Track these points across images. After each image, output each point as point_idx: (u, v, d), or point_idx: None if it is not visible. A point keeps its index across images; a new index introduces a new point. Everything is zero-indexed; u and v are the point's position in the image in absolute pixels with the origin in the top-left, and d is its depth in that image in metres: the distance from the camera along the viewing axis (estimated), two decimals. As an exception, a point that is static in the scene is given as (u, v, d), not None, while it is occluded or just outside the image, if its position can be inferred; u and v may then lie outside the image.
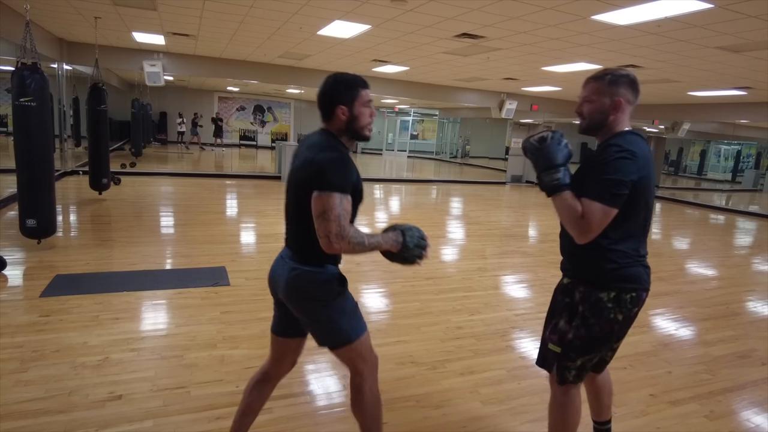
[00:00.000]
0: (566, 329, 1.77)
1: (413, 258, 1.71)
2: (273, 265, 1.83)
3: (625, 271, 1.67)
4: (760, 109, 10.62)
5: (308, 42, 7.73)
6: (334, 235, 1.53)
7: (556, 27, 5.56)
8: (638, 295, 1.70)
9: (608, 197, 1.57)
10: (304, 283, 1.68)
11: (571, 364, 1.76)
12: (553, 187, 1.65)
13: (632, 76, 1.68)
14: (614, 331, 1.72)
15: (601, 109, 1.68)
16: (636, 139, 1.65)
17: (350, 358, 1.75)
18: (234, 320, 3.45)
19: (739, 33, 5.12)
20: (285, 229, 1.83)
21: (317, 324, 1.73)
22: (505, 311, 4.05)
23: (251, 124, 21.59)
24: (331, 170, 1.56)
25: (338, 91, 1.66)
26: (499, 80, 10.91)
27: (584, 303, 1.73)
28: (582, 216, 1.59)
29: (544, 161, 1.68)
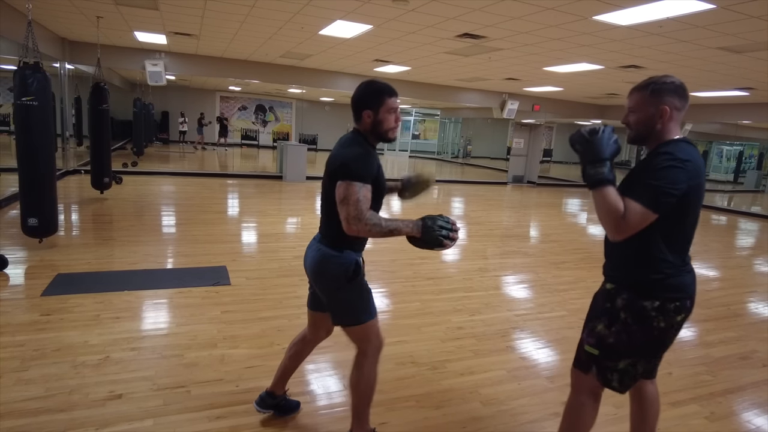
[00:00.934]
0: (606, 333, 1.75)
1: (437, 239, 1.78)
2: (306, 247, 2.08)
3: (671, 281, 1.66)
4: (762, 110, 10.60)
5: (310, 42, 7.74)
6: (352, 218, 1.74)
7: (557, 27, 5.56)
8: (682, 303, 1.68)
9: (652, 202, 1.56)
10: (324, 264, 1.91)
11: (613, 365, 1.74)
12: (597, 180, 1.63)
13: (677, 83, 1.66)
14: (655, 338, 1.70)
15: (647, 119, 1.67)
16: (687, 147, 1.62)
17: (357, 338, 1.98)
18: (234, 320, 3.45)
19: (741, 33, 5.11)
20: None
21: (333, 302, 1.96)
22: (506, 312, 4.04)
23: (253, 123, 21.62)
24: (352, 162, 1.79)
25: (366, 97, 1.87)
26: (500, 80, 10.91)
27: (627, 310, 1.71)
28: (623, 215, 1.58)
29: (591, 153, 1.67)
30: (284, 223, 6.98)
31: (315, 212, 8.02)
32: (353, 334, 1.98)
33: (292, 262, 4.93)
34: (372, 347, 1.99)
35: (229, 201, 8.73)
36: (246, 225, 6.76)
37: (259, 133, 21.75)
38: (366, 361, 1.98)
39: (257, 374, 2.72)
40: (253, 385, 2.60)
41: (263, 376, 2.71)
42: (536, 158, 15.39)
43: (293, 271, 4.65)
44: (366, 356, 1.99)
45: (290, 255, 5.21)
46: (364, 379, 1.99)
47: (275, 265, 4.81)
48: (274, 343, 3.14)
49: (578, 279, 5.13)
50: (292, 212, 8.02)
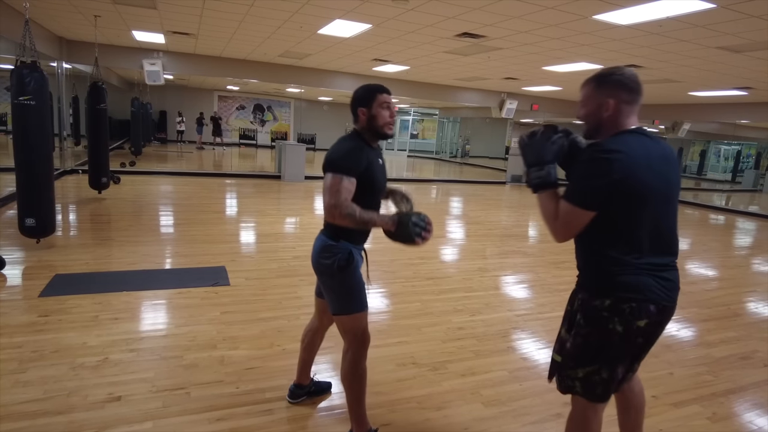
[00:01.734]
0: (566, 338, 1.71)
1: (410, 235, 1.83)
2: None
3: (622, 279, 1.54)
4: (760, 110, 10.61)
5: (309, 41, 7.71)
6: (330, 205, 1.84)
7: (557, 27, 5.55)
8: (640, 306, 1.54)
9: (577, 198, 1.52)
10: (320, 252, 2.03)
11: (572, 373, 1.66)
12: (536, 184, 1.64)
13: (626, 74, 1.58)
14: (614, 343, 1.57)
15: (593, 112, 1.62)
16: (628, 138, 1.54)
17: (344, 328, 2.06)
18: (234, 320, 3.43)
19: (741, 33, 5.11)
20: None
21: (327, 290, 2.07)
22: (506, 312, 4.03)
23: (251, 123, 21.58)
24: (337, 156, 1.91)
25: (359, 96, 2.00)
26: (499, 80, 10.90)
27: (581, 310, 1.65)
28: (555, 216, 1.58)
29: (530, 157, 1.67)
30: (283, 223, 6.96)
31: (314, 212, 8.00)
32: (341, 323, 2.06)
33: (292, 263, 4.91)
34: (357, 341, 2.05)
35: (228, 201, 8.70)
36: (245, 225, 6.74)
37: (257, 133, 21.72)
38: (352, 354, 2.05)
39: (258, 376, 2.71)
40: (253, 387, 2.58)
41: (264, 377, 2.69)
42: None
43: (293, 272, 4.63)
44: (351, 348, 2.05)
45: (289, 255, 5.19)
46: (352, 372, 2.05)
47: (274, 265, 4.80)
48: (275, 344, 3.13)
49: (578, 279, 5.12)
50: (291, 212, 8.00)
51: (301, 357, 2.45)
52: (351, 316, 2.02)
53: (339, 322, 2.06)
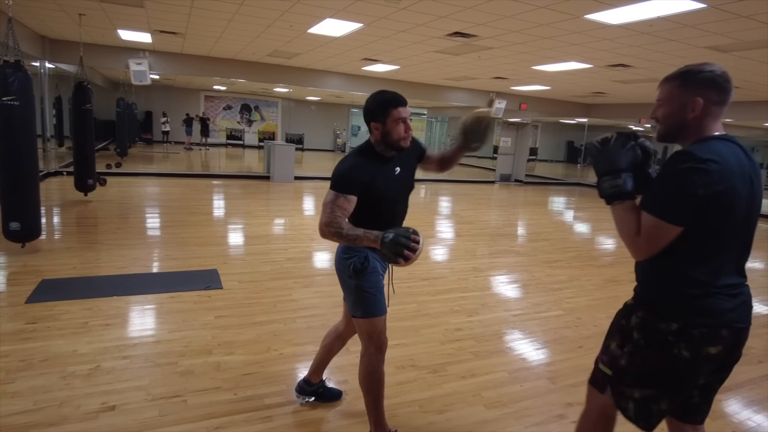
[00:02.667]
0: (618, 353, 1.58)
1: (392, 255, 1.72)
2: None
3: (697, 303, 1.43)
4: (744, 108, 10.79)
5: (298, 40, 7.64)
6: (322, 223, 1.87)
7: (548, 26, 5.56)
8: (713, 331, 1.41)
9: (666, 211, 1.38)
10: (339, 254, 2.08)
11: (628, 391, 1.54)
12: (611, 194, 1.50)
13: (717, 72, 1.44)
14: (678, 369, 1.45)
15: (676, 113, 1.47)
16: (718, 145, 1.40)
17: (361, 331, 2.06)
18: (229, 325, 3.37)
19: (729, 33, 5.17)
20: None
21: (344, 292, 2.11)
22: (503, 312, 4.02)
23: (238, 123, 21.37)
24: (337, 174, 1.91)
25: (371, 110, 1.94)
26: (488, 79, 10.93)
27: (641, 330, 1.52)
28: (637, 230, 1.43)
29: (603, 164, 1.53)
30: (274, 225, 6.88)
31: (305, 213, 7.93)
32: (358, 326, 2.06)
33: (285, 265, 4.85)
34: (373, 345, 2.04)
35: (217, 202, 8.59)
36: (235, 227, 6.65)
37: (244, 133, 21.50)
38: (368, 358, 2.05)
39: (255, 381, 2.65)
40: (251, 393, 2.53)
41: (262, 383, 2.64)
42: (523, 157, 15.47)
43: (286, 274, 4.57)
44: (367, 352, 2.05)
45: (282, 257, 5.12)
46: (369, 375, 2.06)
47: (267, 267, 4.73)
48: (271, 348, 3.07)
49: (572, 278, 5.14)
50: (282, 213, 7.92)
51: (318, 355, 2.44)
52: (367, 319, 2.01)
53: (357, 325, 2.06)
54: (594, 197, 13.24)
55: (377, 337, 2.04)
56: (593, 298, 4.54)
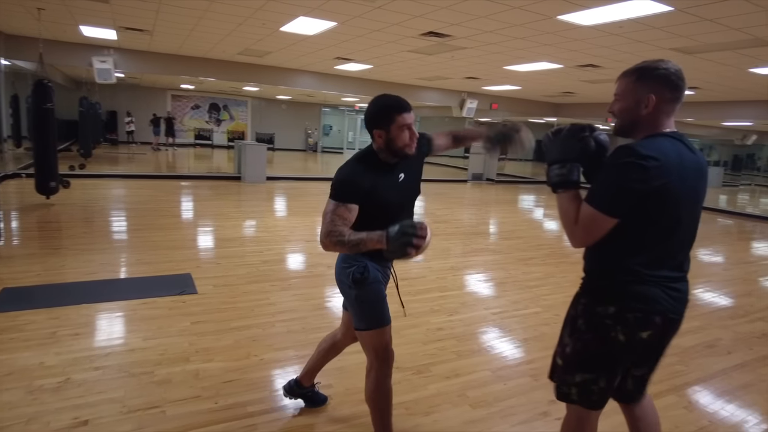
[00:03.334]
0: (566, 342, 1.63)
1: (401, 248, 1.63)
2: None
3: (631, 288, 1.48)
4: (705, 108, 11.21)
5: (270, 39, 7.52)
6: (323, 233, 1.78)
7: (522, 26, 5.62)
8: (647, 317, 1.48)
9: (603, 203, 1.43)
10: (339, 263, 2.00)
11: (569, 378, 1.60)
12: (556, 182, 1.55)
13: (671, 69, 1.47)
14: (615, 352, 1.52)
15: (631, 108, 1.50)
16: (662, 142, 1.44)
17: (364, 344, 1.99)
18: (206, 331, 3.27)
19: (693, 35, 5.34)
20: None
21: (346, 302, 2.06)
22: (483, 310, 4.04)
23: (206, 122, 20.93)
24: (336, 182, 1.83)
25: (374, 116, 1.84)
26: (460, 79, 11.01)
27: (583, 316, 1.58)
28: (576, 219, 1.49)
29: (553, 154, 1.58)
30: (248, 227, 6.74)
31: (279, 214, 7.81)
32: (362, 339, 1.99)
33: (261, 268, 4.75)
34: (378, 358, 1.95)
35: (187, 204, 8.37)
36: (208, 229, 6.49)
37: (212, 133, 21.08)
38: (375, 372, 1.96)
39: (236, 389, 2.57)
40: (233, 401, 2.45)
41: (243, 390, 2.57)
42: (494, 156, 15.66)
43: (263, 277, 4.47)
44: (371, 366, 1.97)
45: (258, 260, 5.02)
46: (376, 390, 1.98)
47: (243, 270, 4.62)
48: (251, 354, 2.99)
49: (547, 275, 5.22)
50: (255, 215, 7.78)
51: (313, 358, 2.38)
52: (369, 332, 1.93)
53: (360, 337, 1.99)
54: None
55: (383, 350, 1.95)
56: (569, 295, 4.54)
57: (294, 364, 2.89)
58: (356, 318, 1.96)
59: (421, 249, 1.66)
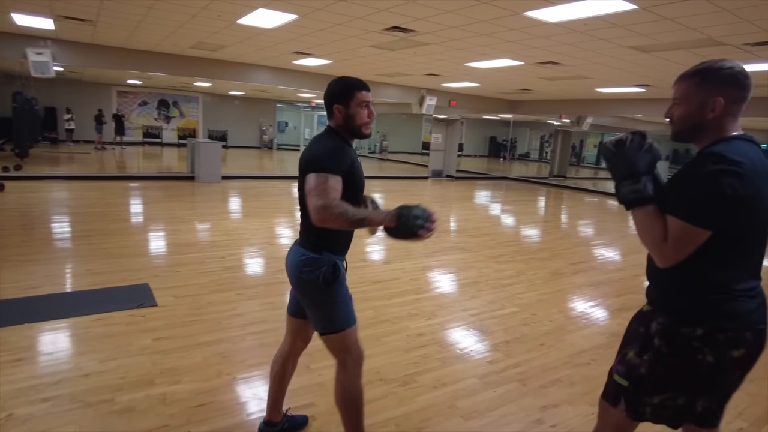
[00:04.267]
0: (636, 362, 1.51)
1: (411, 229, 1.69)
2: (288, 251, 1.99)
3: (723, 307, 1.39)
4: (655, 105, 11.66)
5: (226, 32, 7.14)
6: (319, 207, 1.65)
7: (488, 22, 5.57)
8: (738, 335, 1.39)
9: (695, 215, 1.32)
10: (302, 267, 1.84)
11: (646, 399, 1.48)
12: (632, 199, 1.42)
13: (736, 69, 1.39)
14: (701, 374, 1.41)
15: (695, 113, 1.41)
16: (744, 146, 1.36)
17: (336, 347, 1.90)
18: (170, 348, 2.99)
19: (653, 34, 5.45)
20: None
21: (311, 308, 1.90)
22: (460, 312, 3.95)
23: (155, 120, 19.95)
24: (320, 155, 1.77)
25: (335, 92, 1.84)
26: (421, 76, 10.95)
27: (662, 336, 1.46)
28: (663, 236, 1.37)
29: (622, 169, 1.45)
30: (206, 230, 6.39)
31: (239, 216, 7.47)
32: (331, 342, 1.90)
33: (224, 275, 4.48)
34: (351, 358, 1.91)
35: (138, 207, 7.87)
36: (163, 234, 6.09)
37: (162, 130, 20.12)
38: (346, 373, 1.91)
39: (210, 413, 2.35)
40: (207, 428, 2.23)
41: (217, 414, 2.34)
42: (453, 153, 15.76)
43: (228, 285, 4.20)
44: (345, 368, 1.91)
45: (220, 266, 4.73)
46: (347, 393, 1.92)
47: (205, 279, 4.33)
48: (223, 372, 2.76)
49: (518, 272, 5.20)
50: (213, 217, 7.40)
51: (272, 389, 2.15)
52: (343, 333, 1.87)
53: (329, 341, 1.89)
54: (520, 190, 13.79)
55: (355, 348, 1.92)
56: (543, 293, 4.61)
57: (271, 381, 2.68)
58: (326, 321, 1.87)
59: (429, 235, 1.70)
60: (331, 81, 1.88)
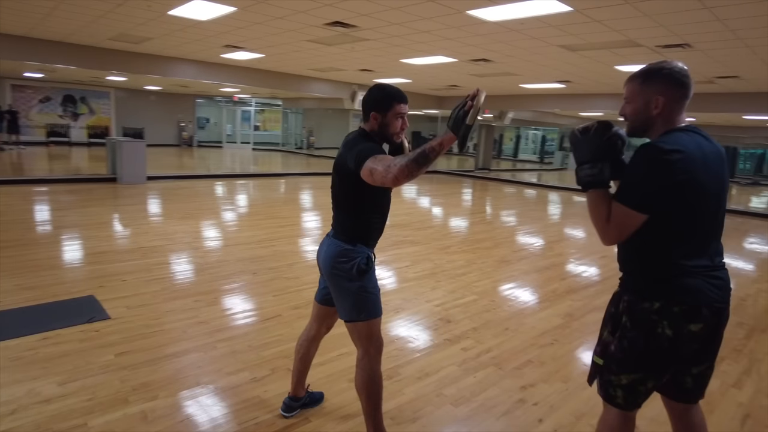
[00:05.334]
0: (609, 340, 1.63)
1: (461, 118, 1.61)
2: (320, 243, 2.11)
3: (675, 281, 1.50)
4: (572, 100, 12.53)
5: (154, 23, 6.69)
6: (390, 174, 1.64)
7: (430, 20, 5.69)
8: (694, 309, 1.48)
9: (632, 200, 1.47)
10: (335, 257, 1.97)
11: (615, 379, 1.58)
12: (587, 182, 1.56)
13: (675, 69, 1.53)
14: (664, 348, 1.50)
15: (641, 110, 1.56)
16: (681, 136, 1.49)
17: (361, 335, 2.00)
18: (137, 362, 2.80)
19: (581, 34, 5.87)
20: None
21: (340, 296, 1.99)
22: (425, 304, 4.05)
23: (60, 117, 18.20)
24: (362, 146, 1.83)
25: (376, 99, 1.94)
26: (354, 71, 10.93)
27: (627, 313, 1.57)
28: (607, 217, 1.51)
29: (583, 153, 1.58)
30: (144, 235, 5.97)
31: (174, 218, 7.06)
32: (357, 330, 2.00)
33: (176, 281, 4.24)
34: (373, 347, 2.02)
35: (59, 213, 7.17)
36: (96, 242, 5.60)
37: (69, 129, 18.42)
38: (369, 361, 2.01)
39: (199, 426, 2.23)
40: (201, 443, 2.12)
41: (208, 427, 2.23)
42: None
43: (183, 291, 3.99)
44: (368, 355, 2.01)
45: (168, 272, 4.48)
46: (369, 379, 2.01)
47: (157, 286, 4.07)
48: (200, 382, 2.63)
49: (469, 261, 5.41)
50: (147, 220, 6.93)
51: (296, 368, 2.34)
52: (368, 322, 1.98)
53: (355, 329, 2.00)
54: (449, 183, 14.24)
55: (377, 338, 2.03)
56: (495, 280, 4.84)
57: (259, 386, 2.60)
58: (354, 309, 1.96)
59: (478, 108, 1.60)
60: (372, 87, 1.97)
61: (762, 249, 7.38)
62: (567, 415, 2.50)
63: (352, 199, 1.97)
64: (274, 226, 6.81)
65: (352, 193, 1.94)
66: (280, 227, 6.75)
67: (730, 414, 2.63)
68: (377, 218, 2.04)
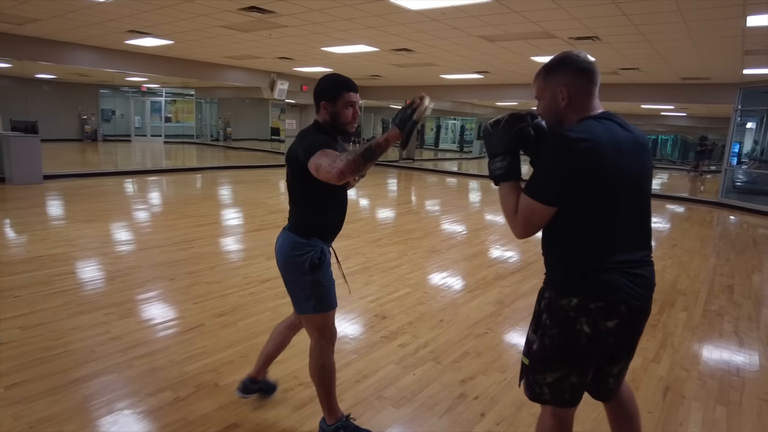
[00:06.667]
0: (532, 339, 1.58)
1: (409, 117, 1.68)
2: (277, 237, 2.12)
3: (591, 277, 1.45)
4: (489, 90, 12.93)
5: (43, 2, 5.93)
6: (334, 169, 1.66)
7: (351, 7, 5.54)
8: (610, 305, 1.45)
9: (539, 192, 1.42)
10: (289, 250, 2.00)
11: (539, 377, 1.55)
12: (498, 175, 1.53)
13: (569, 58, 1.50)
14: (583, 345, 1.47)
15: (550, 105, 1.53)
16: (594, 124, 1.43)
17: (313, 327, 2.06)
18: (35, 393, 2.44)
19: (501, 25, 5.99)
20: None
21: (295, 290, 2.03)
22: (359, 300, 3.94)
23: (-70, 109, 15.87)
24: (311, 140, 1.84)
25: (324, 89, 1.96)
26: (272, 59, 10.51)
27: (548, 311, 1.54)
28: (515, 210, 1.48)
29: (493, 146, 1.54)
30: (41, 242, 5.31)
31: (77, 221, 6.37)
32: (310, 322, 2.05)
33: (82, 293, 3.80)
34: (324, 339, 2.06)
35: (-69, 220, 6.22)
36: (-22, 251, 4.90)
37: (-58, 123, 16.11)
38: (320, 351, 2.06)
39: (115, 463, 1.97)
40: (117, 482, 1.87)
41: (125, 462, 1.98)
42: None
43: (91, 305, 3.58)
44: (319, 346, 2.06)
45: (72, 283, 4.01)
46: (321, 367, 2.06)
47: (58, 301, 3.62)
48: (115, 408, 2.34)
49: (401, 254, 5.38)
50: (45, 225, 6.19)
51: (266, 350, 2.37)
52: (320, 314, 2.01)
53: (308, 321, 2.05)
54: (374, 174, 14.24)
55: (329, 330, 2.07)
56: (427, 271, 4.84)
57: (184, 407, 2.36)
58: (306, 302, 1.99)
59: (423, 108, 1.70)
60: (321, 77, 1.98)
61: (662, 227, 8.06)
62: (508, 407, 2.51)
63: (305, 192, 1.96)
64: (191, 225, 6.36)
65: (305, 185, 1.92)
66: (198, 226, 6.31)
67: (653, 388, 2.79)
68: (334, 211, 2.05)
